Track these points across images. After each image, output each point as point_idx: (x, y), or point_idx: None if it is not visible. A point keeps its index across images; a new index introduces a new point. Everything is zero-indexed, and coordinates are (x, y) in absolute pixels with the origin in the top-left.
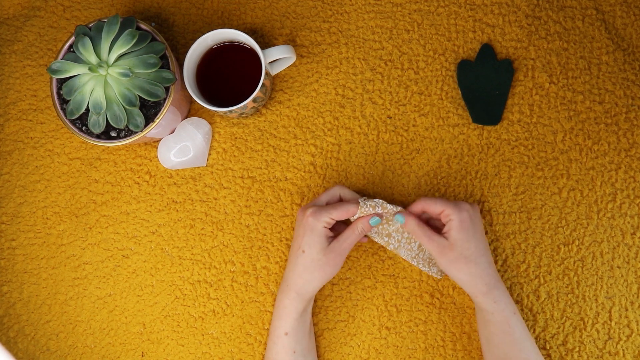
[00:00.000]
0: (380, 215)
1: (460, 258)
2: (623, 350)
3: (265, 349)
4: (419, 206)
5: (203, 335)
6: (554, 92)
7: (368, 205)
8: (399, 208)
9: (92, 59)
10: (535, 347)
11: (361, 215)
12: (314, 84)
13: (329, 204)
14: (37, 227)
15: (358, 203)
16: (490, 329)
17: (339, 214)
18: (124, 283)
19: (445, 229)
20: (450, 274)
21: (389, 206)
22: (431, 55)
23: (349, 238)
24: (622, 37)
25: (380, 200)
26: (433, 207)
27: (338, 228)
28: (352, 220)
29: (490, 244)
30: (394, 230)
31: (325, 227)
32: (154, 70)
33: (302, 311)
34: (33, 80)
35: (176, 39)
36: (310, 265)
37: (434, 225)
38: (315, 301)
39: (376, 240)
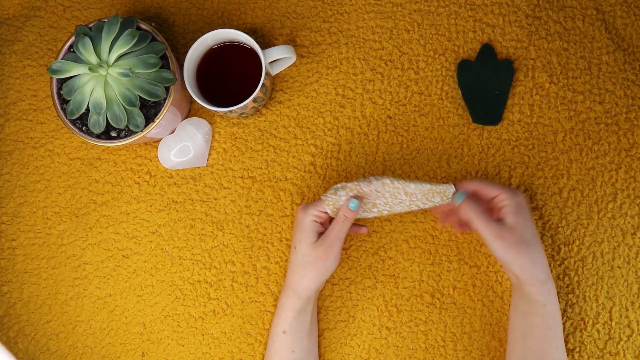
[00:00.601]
0: (358, 198)
1: (521, 242)
2: (624, 350)
3: (265, 348)
4: (471, 187)
5: (203, 335)
6: (554, 92)
7: (328, 195)
8: (359, 182)
9: (92, 59)
10: (564, 347)
11: (328, 204)
12: (314, 84)
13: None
14: (38, 227)
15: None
16: (534, 321)
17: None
18: (124, 283)
19: (501, 214)
20: (509, 258)
21: (349, 184)
22: (431, 55)
23: (334, 229)
24: (622, 37)
25: (339, 185)
26: (487, 190)
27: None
28: None
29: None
30: (375, 198)
31: (315, 221)
32: (154, 70)
33: (300, 310)
34: (33, 80)
35: (176, 39)
36: (302, 261)
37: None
38: None
39: (369, 217)
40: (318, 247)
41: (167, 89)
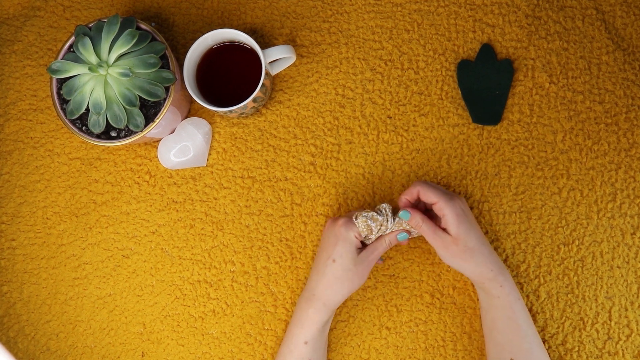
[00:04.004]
0: (407, 232)
1: (466, 250)
2: (622, 350)
3: (264, 348)
4: (414, 191)
5: (203, 335)
6: (554, 92)
7: (360, 222)
8: (389, 215)
9: (92, 59)
10: (537, 336)
11: (362, 230)
12: (314, 84)
13: None
14: (37, 227)
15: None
16: (495, 313)
17: None
18: (124, 283)
19: (442, 224)
20: (456, 266)
21: (379, 217)
22: (431, 55)
23: (376, 250)
24: (622, 37)
25: (370, 213)
26: (426, 197)
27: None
28: (373, 234)
29: (490, 244)
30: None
31: (356, 238)
32: (154, 70)
33: (326, 323)
34: (33, 80)
35: (176, 39)
36: (341, 276)
37: (430, 215)
38: None
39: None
40: (359, 264)
41: (167, 89)
